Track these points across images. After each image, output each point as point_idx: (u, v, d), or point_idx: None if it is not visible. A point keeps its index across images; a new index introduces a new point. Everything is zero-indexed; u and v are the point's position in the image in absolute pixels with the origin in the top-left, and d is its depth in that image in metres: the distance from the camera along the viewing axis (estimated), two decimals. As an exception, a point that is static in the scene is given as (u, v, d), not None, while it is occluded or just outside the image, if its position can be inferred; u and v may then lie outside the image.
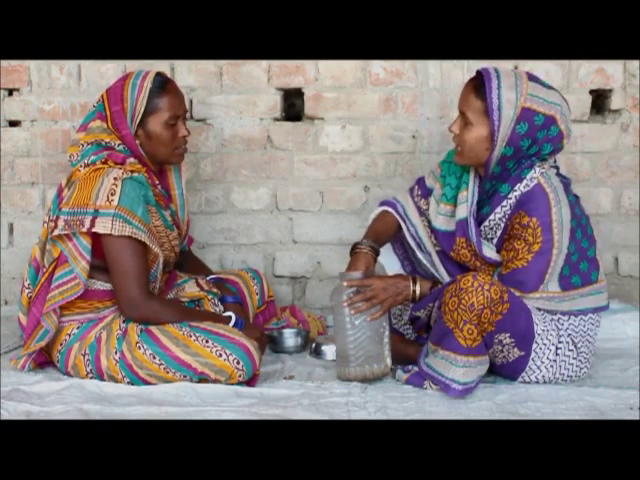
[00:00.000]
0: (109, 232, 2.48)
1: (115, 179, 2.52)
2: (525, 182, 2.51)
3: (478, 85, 2.49)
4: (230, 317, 2.68)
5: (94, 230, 2.49)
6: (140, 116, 2.60)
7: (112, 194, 2.50)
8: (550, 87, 2.53)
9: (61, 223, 2.54)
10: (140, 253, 2.54)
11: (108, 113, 2.62)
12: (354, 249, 2.67)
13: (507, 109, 2.44)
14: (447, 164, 2.73)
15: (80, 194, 2.54)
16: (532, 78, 2.51)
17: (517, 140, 2.46)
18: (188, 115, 3.28)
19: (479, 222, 2.59)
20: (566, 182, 2.57)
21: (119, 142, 2.61)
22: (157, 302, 2.60)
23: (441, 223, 2.70)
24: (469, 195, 2.61)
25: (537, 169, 2.51)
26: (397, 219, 2.81)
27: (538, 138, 2.47)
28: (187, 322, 2.56)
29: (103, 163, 2.57)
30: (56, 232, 2.54)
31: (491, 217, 2.56)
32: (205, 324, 2.58)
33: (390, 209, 2.82)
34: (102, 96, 2.67)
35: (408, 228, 2.80)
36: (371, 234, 2.74)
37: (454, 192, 2.67)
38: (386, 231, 2.79)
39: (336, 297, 2.59)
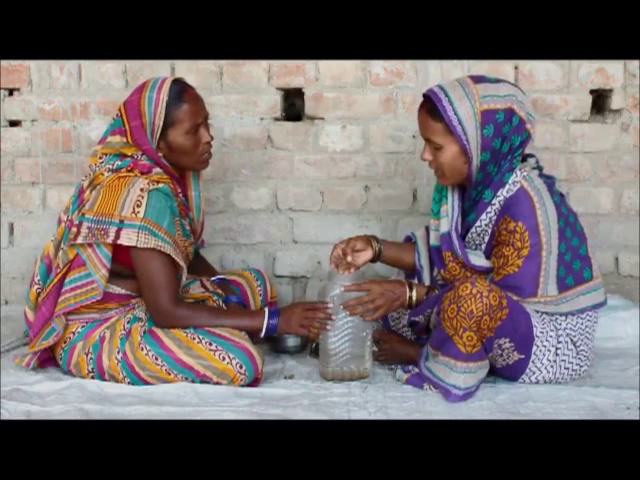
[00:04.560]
0: (134, 244, 2.46)
1: (141, 190, 2.49)
2: (508, 187, 2.49)
3: (431, 108, 2.47)
4: (264, 311, 2.61)
5: (119, 242, 2.47)
6: (160, 130, 2.55)
7: (138, 205, 2.47)
8: (497, 80, 2.52)
9: (84, 231, 2.50)
10: (167, 263, 2.52)
11: (127, 128, 2.57)
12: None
13: (468, 120, 2.43)
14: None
15: (104, 202, 2.50)
16: (478, 80, 2.49)
17: (489, 143, 2.45)
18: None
19: (466, 229, 2.58)
20: (550, 182, 2.56)
21: (141, 153, 2.58)
22: (185, 308, 2.57)
23: (433, 239, 2.70)
24: (449, 209, 2.60)
25: (519, 172, 2.49)
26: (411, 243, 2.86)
27: (505, 133, 2.45)
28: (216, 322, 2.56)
29: (129, 171, 2.54)
30: (79, 240, 2.50)
31: (477, 224, 2.55)
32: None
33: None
34: (120, 110, 2.61)
35: (414, 253, 2.82)
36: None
37: (438, 206, 2.67)
38: (401, 246, 2.85)
39: (321, 297, 2.62)
